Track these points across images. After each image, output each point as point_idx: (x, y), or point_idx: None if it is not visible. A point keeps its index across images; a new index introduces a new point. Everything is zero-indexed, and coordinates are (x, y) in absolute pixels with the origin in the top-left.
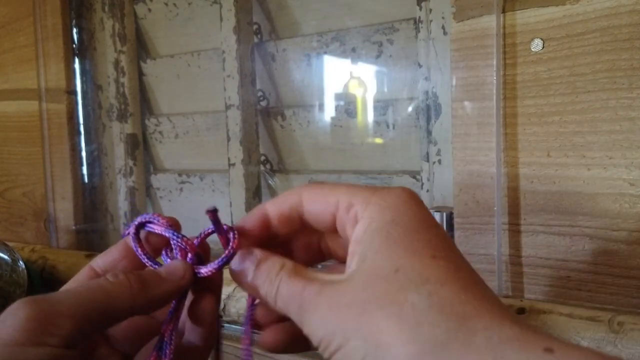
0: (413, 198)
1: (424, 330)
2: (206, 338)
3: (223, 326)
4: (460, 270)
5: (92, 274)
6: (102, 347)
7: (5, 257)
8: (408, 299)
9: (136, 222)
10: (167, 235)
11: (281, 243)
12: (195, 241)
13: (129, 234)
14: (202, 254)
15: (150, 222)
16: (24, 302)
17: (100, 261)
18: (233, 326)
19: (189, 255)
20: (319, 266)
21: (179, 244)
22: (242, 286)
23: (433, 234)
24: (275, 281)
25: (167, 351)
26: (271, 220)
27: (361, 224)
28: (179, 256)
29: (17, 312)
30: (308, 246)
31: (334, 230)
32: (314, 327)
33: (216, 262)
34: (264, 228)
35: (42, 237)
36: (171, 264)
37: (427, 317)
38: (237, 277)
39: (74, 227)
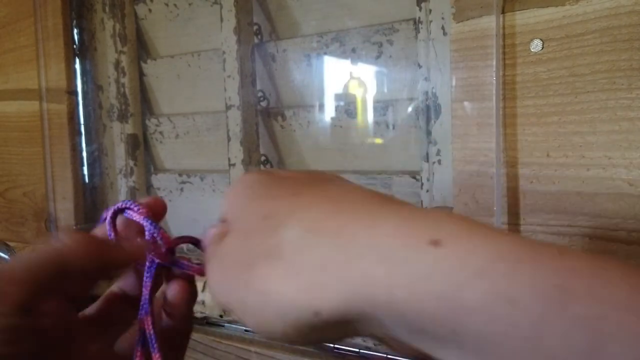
0: (265, 170)
1: (304, 259)
2: (184, 322)
3: (224, 325)
4: (327, 192)
5: None
6: (81, 335)
7: (6, 257)
8: (283, 237)
9: (115, 208)
10: (142, 223)
11: None
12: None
13: (105, 218)
14: (174, 249)
15: (129, 209)
16: None
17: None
18: (233, 326)
19: (160, 245)
20: None
21: (153, 233)
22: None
23: (295, 177)
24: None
25: (155, 345)
26: None
27: (224, 204)
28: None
29: None
30: None
31: None
32: (216, 296)
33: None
34: None
35: (42, 237)
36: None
37: (303, 245)
38: None
39: (74, 227)
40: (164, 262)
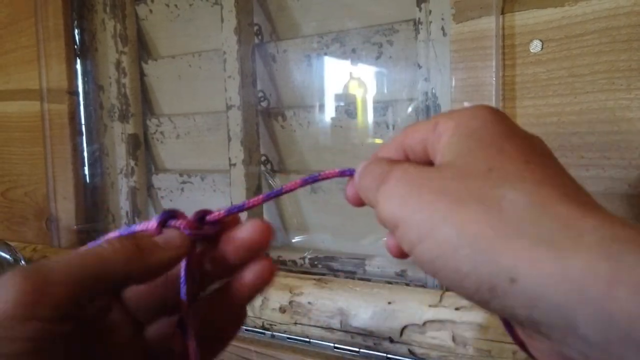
0: (499, 112)
1: (526, 226)
2: (237, 315)
3: None
4: (558, 176)
5: None
6: (115, 311)
7: (7, 256)
8: (506, 196)
9: (159, 220)
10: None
11: None
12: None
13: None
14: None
15: (173, 218)
16: (16, 274)
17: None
18: None
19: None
20: None
21: (176, 226)
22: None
23: (526, 142)
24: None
25: (188, 333)
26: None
27: (448, 133)
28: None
29: (9, 284)
30: None
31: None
32: (393, 206)
33: (224, 210)
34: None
35: (43, 236)
36: (167, 232)
37: (528, 214)
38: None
39: (75, 227)
40: (197, 232)
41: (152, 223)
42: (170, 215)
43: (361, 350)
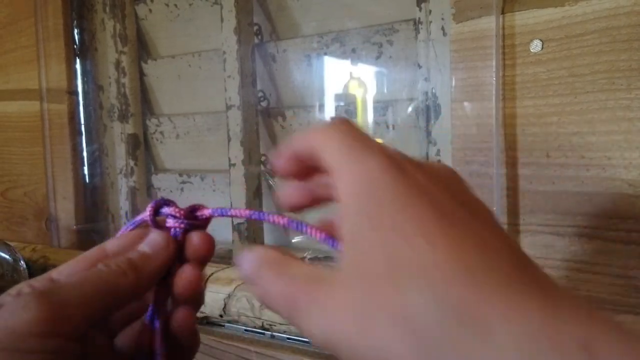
0: (392, 163)
1: (431, 335)
2: (193, 308)
3: (224, 325)
4: (466, 254)
5: (102, 254)
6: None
7: (7, 256)
8: (409, 301)
9: (152, 206)
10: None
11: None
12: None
13: (143, 219)
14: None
15: (167, 205)
16: (35, 295)
17: (114, 243)
18: (233, 326)
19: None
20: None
21: (170, 212)
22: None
23: (425, 205)
24: (259, 278)
25: (157, 322)
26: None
27: (343, 190)
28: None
29: (30, 305)
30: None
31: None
32: (313, 332)
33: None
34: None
35: (43, 236)
36: (150, 237)
37: (433, 319)
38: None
39: (75, 227)
40: (188, 221)
41: (146, 212)
42: (164, 203)
43: None
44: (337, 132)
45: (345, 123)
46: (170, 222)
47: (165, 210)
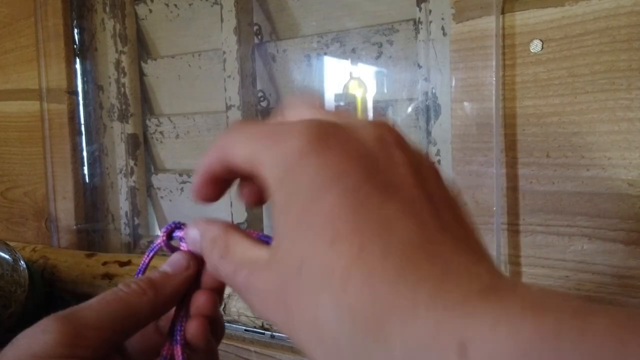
0: (311, 145)
1: (341, 344)
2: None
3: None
4: (365, 253)
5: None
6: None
7: (7, 256)
8: (320, 309)
9: (164, 232)
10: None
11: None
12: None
13: (159, 244)
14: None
15: (179, 228)
16: (54, 318)
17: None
18: (233, 325)
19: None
20: None
21: (181, 236)
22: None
23: (340, 194)
24: (213, 260)
25: (178, 337)
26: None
27: (269, 174)
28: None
29: (49, 328)
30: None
31: None
32: (258, 312)
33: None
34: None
35: (43, 236)
36: (172, 257)
37: (337, 326)
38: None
39: (75, 227)
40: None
41: (160, 237)
42: (176, 227)
43: None
44: (240, 129)
45: (242, 121)
46: (183, 246)
47: (177, 234)
